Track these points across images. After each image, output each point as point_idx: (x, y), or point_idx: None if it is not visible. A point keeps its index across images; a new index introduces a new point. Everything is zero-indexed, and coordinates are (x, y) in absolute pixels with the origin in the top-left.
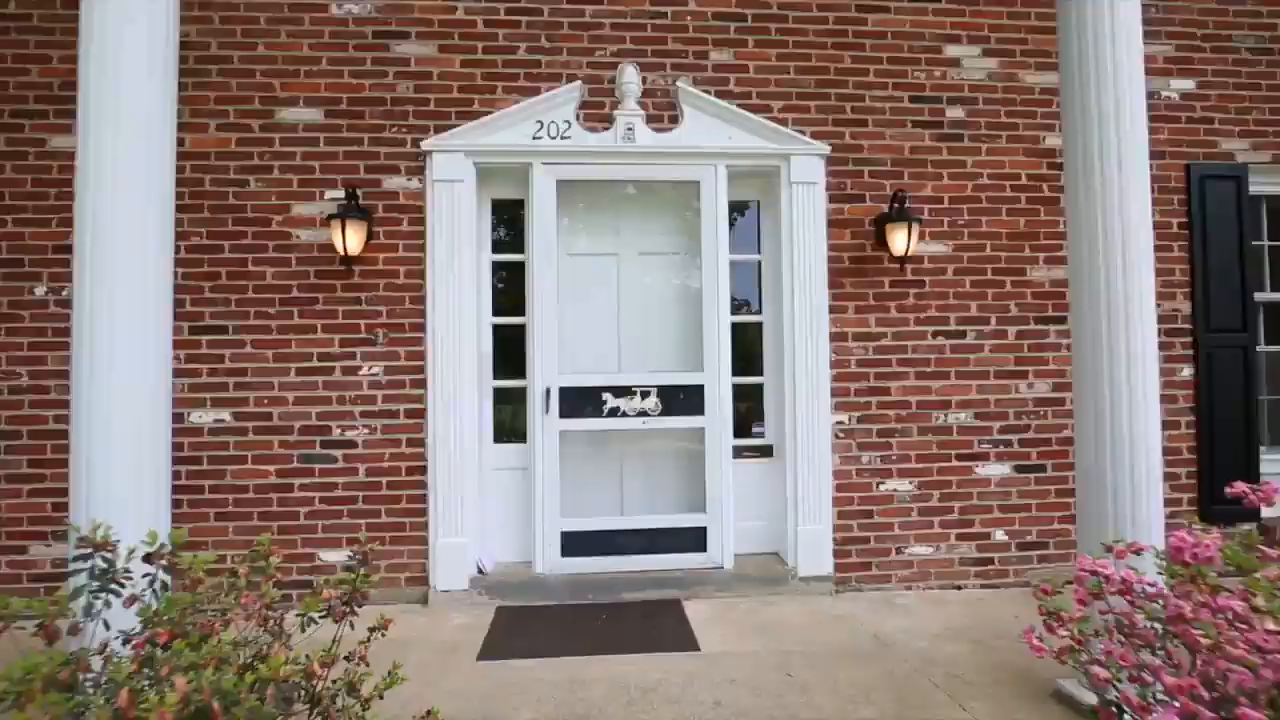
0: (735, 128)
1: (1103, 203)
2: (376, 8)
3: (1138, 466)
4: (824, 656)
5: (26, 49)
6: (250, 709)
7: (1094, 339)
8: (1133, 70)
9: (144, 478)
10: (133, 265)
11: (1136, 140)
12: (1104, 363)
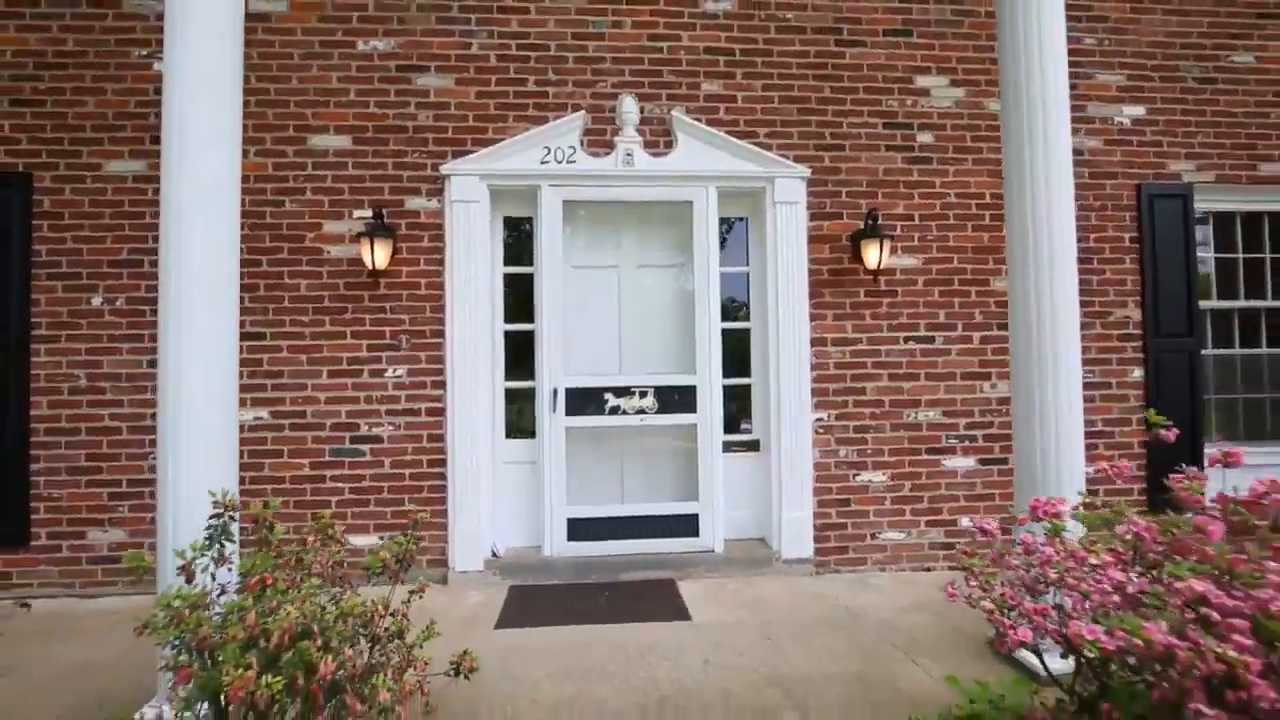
0: (725, 153)
1: (1033, 219)
2: (399, 44)
3: (1061, 443)
4: (801, 626)
5: (84, 83)
6: (338, 632)
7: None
8: (1060, 101)
9: (216, 457)
10: (212, 271)
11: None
12: (1034, 351)
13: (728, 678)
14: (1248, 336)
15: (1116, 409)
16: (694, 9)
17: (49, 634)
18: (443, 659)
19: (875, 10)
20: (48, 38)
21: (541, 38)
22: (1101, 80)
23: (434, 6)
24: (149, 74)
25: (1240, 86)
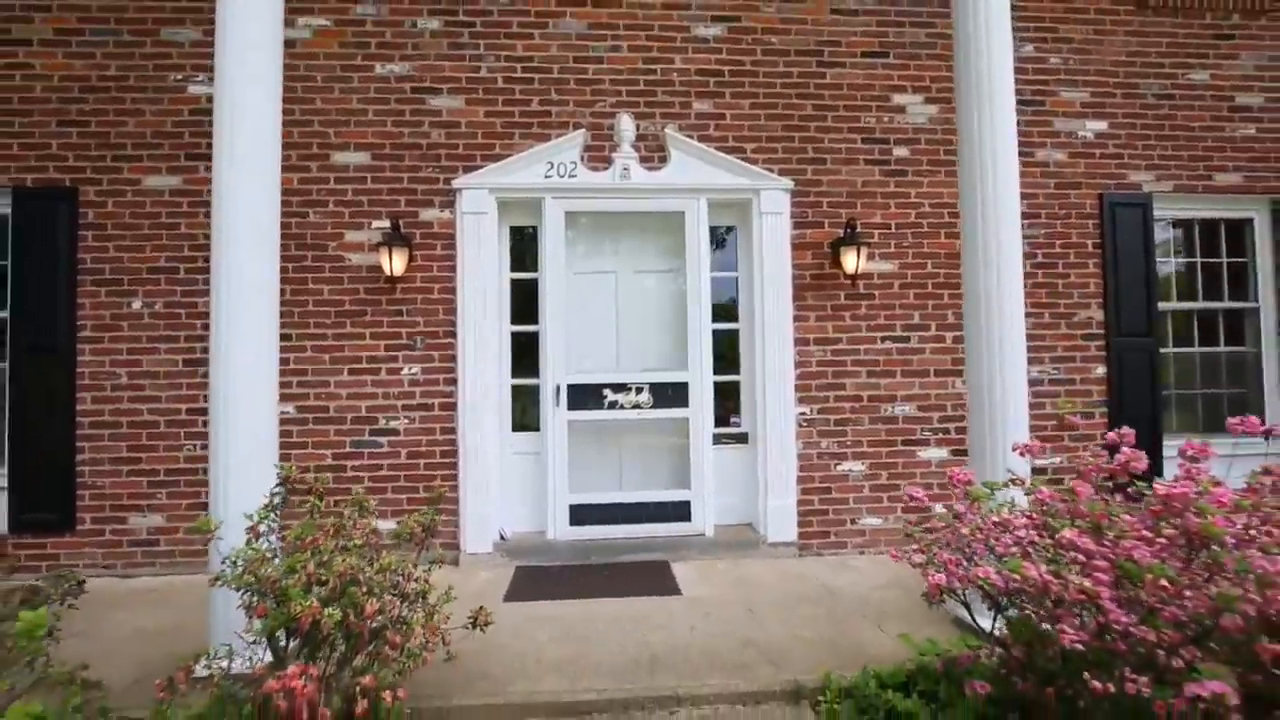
0: (714, 167)
1: (983, 228)
2: (413, 68)
3: (1008, 421)
4: (782, 600)
5: (124, 104)
6: (377, 582)
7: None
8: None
9: (260, 442)
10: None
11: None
12: (983, 351)
13: (712, 641)
14: (1207, 336)
15: (1080, 403)
16: (686, 34)
17: (106, 606)
18: (459, 619)
19: (854, 34)
20: (92, 63)
21: (545, 61)
22: (1066, 97)
23: (445, 33)
24: (184, 96)
25: (1197, 102)
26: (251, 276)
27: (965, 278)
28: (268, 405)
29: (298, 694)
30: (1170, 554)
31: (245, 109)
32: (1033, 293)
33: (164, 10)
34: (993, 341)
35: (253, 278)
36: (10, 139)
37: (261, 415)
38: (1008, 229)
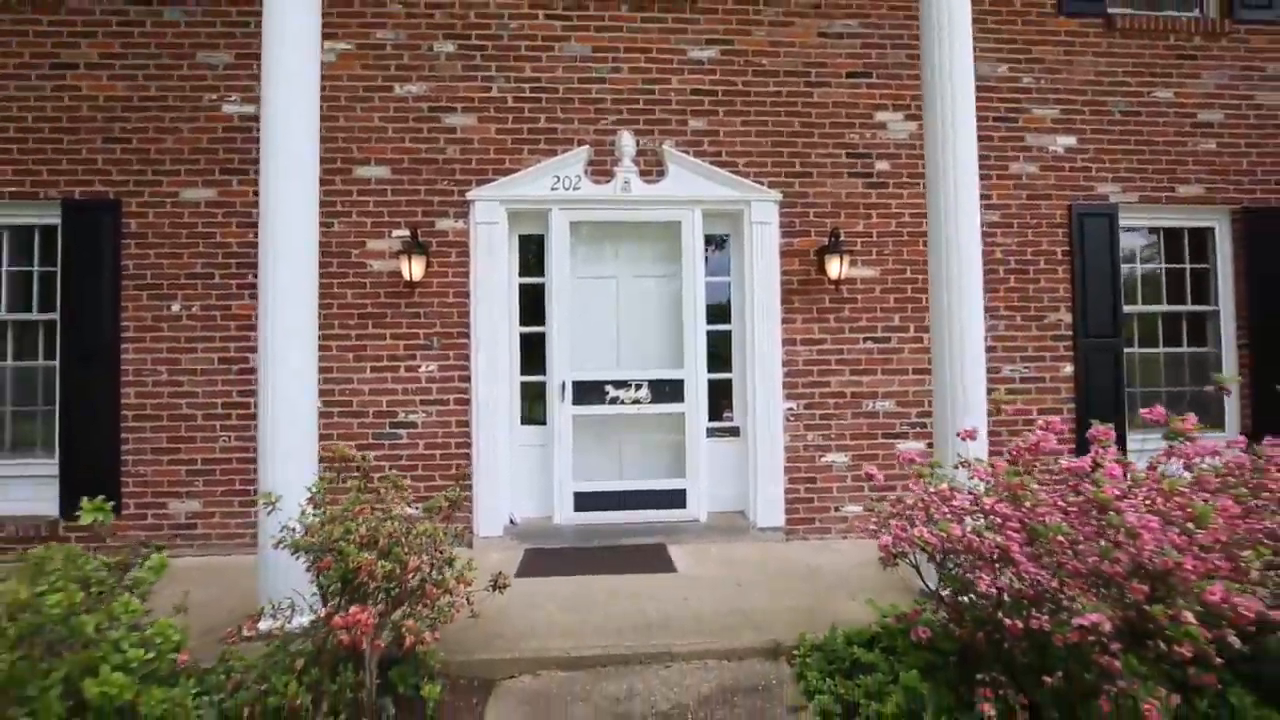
0: (708, 180)
1: (945, 233)
2: (430, 88)
3: (970, 412)
4: (767, 576)
5: (164, 123)
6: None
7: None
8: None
9: (304, 433)
10: (298, 281)
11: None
12: (945, 337)
13: (702, 610)
14: (1172, 337)
15: (1050, 399)
16: (682, 57)
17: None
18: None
19: (839, 55)
20: (134, 85)
21: (551, 82)
22: (1038, 114)
23: (460, 56)
24: (218, 115)
25: (1160, 119)
26: (294, 287)
27: (931, 292)
28: (310, 401)
29: (361, 626)
30: (1080, 519)
31: (288, 137)
32: (1005, 297)
33: (199, 36)
34: (953, 347)
35: (295, 288)
36: (59, 155)
37: (305, 409)
38: (968, 251)
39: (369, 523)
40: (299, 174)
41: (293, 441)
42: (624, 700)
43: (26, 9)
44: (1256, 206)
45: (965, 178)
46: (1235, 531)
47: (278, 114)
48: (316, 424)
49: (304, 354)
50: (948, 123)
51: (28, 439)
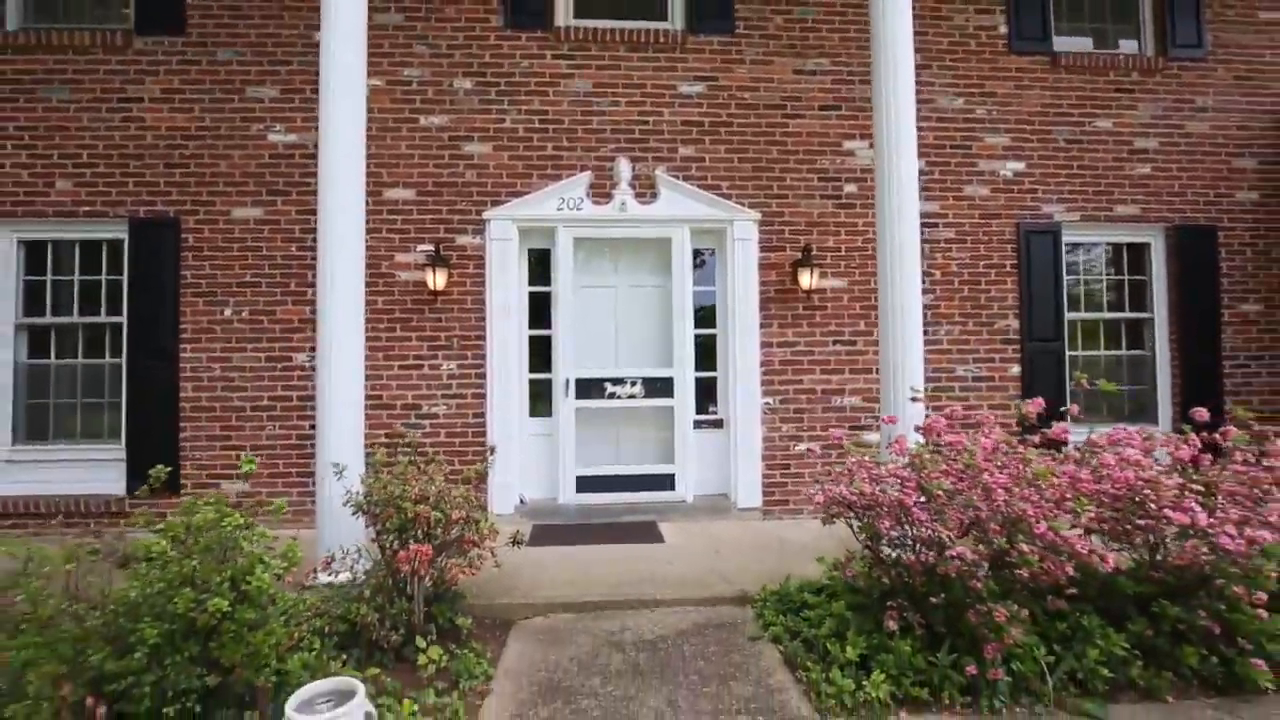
0: (696, 201)
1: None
2: (451, 120)
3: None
4: (742, 547)
5: (217, 150)
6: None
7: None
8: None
9: (351, 419)
10: (349, 289)
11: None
12: (890, 336)
13: (684, 570)
14: (1113, 341)
15: (999, 397)
16: (674, 92)
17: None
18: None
19: (813, 91)
20: (191, 117)
21: (557, 115)
22: (990, 142)
23: (477, 92)
24: (265, 143)
25: (1101, 146)
26: (346, 298)
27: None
28: (358, 391)
29: (421, 556)
30: (959, 480)
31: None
32: (960, 305)
33: (248, 73)
34: (896, 351)
35: (346, 299)
36: (126, 178)
37: (355, 398)
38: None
39: (420, 484)
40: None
41: (346, 424)
42: (617, 634)
43: (98, 50)
44: (1186, 225)
45: (909, 221)
46: (1078, 490)
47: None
48: (364, 410)
49: (354, 352)
50: (891, 181)
51: (96, 428)
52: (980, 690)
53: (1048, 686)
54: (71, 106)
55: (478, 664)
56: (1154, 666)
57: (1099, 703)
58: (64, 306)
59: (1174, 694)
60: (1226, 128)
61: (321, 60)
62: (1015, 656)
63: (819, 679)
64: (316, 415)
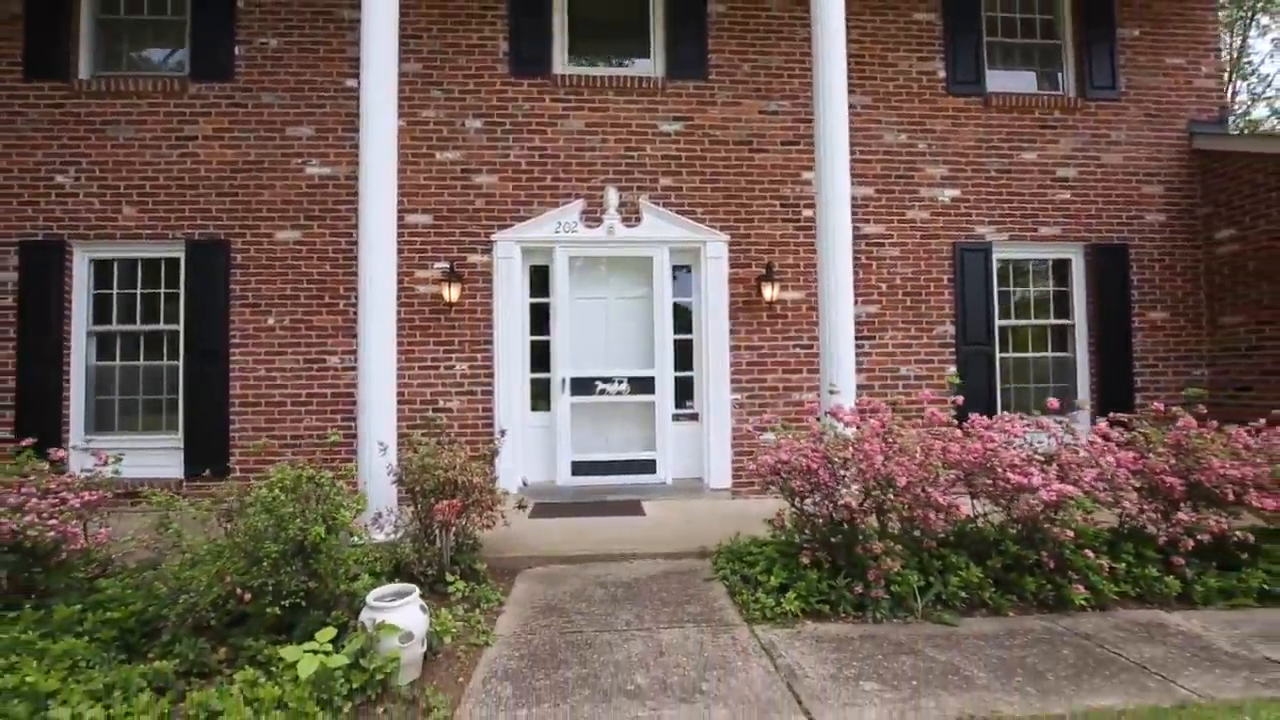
0: (674, 225)
1: (827, 275)
2: (463, 154)
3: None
4: (711, 518)
5: (262, 181)
6: (478, 470)
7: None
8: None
9: (387, 408)
10: (386, 300)
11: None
12: (826, 338)
13: (661, 534)
14: (1040, 344)
15: (936, 392)
16: (655, 130)
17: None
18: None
19: (775, 129)
20: (239, 152)
21: (555, 150)
22: (930, 172)
23: (485, 130)
24: (302, 175)
25: (1027, 175)
26: (381, 309)
27: (820, 307)
28: (391, 385)
29: (452, 507)
30: (852, 451)
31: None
32: (904, 314)
33: (288, 115)
34: (834, 349)
35: (382, 310)
36: (183, 205)
37: (389, 390)
38: (843, 281)
39: (447, 458)
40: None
41: (382, 412)
42: (601, 577)
43: (158, 95)
44: (1102, 243)
45: (843, 242)
46: (945, 459)
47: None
48: (395, 406)
49: (387, 354)
50: (829, 204)
51: (155, 421)
52: (867, 606)
53: (918, 604)
54: (136, 143)
55: (493, 593)
56: (1003, 591)
57: (955, 615)
58: (127, 316)
59: (1014, 611)
60: (1137, 158)
61: (361, 108)
62: (894, 582)
63: (749, 600)
64: (358, 405)
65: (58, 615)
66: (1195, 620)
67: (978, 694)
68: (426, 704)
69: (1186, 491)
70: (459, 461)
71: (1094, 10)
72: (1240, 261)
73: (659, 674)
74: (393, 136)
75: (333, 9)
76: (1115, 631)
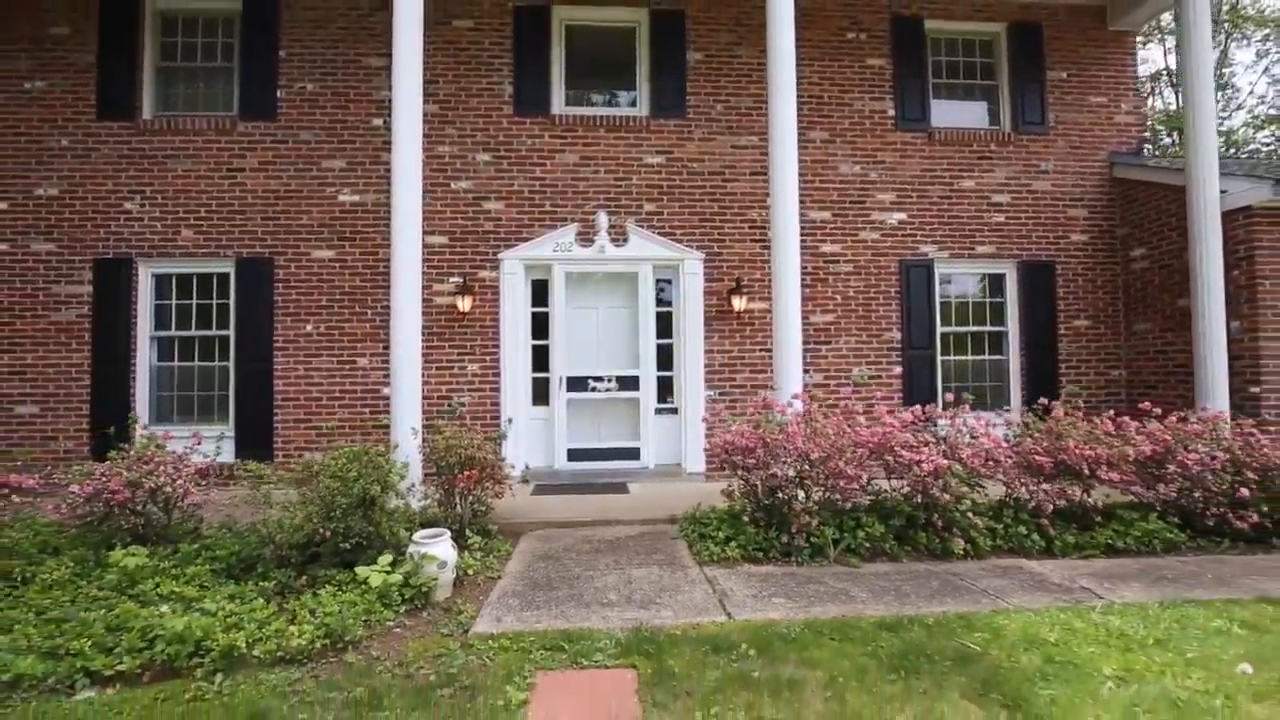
0: (657, 245)
1: (780, 287)
2: (474, 184)
3: (791, 387)
4: (684, 495)
5: (300, 207)
6: (491, 449)
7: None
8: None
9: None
10: (413, 308)
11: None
12: (778, 347)
13: (640, 507)
14: (978, 348)
15: (886, 390)
16: (640, 162)
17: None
18: (516, 478)
19: (745, 161)
20: (281, 182)
21: (553, 179)
22: (880, 198)
23: (493, 163)
24: (336, 202)
25: (966, 200)
26: (409, 319)
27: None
28: (418, 383)
29: (472, 476)
30: (814, 444)
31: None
32: (857, 321)
33: (323, 150)
34: (782, 354)
35: (410, 319)
36: (233, 228)
37: (416, 387)
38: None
39: (467, 438)
40: (413, 255)
41: (410, 403)
42: (589, 536)
43: (211, 132)
44: (1032, 260)
45: (793, 265)
46: (854, 439)
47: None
48: (420, 401)
49: (415, 355)
50: (781, 234)
51: (207, 413)
52: (792, 553)
53: (831, 552)
54: (193, 174)
55: (502, 546)
56: (901, 544)
57: (860, 561)
58: (183, 323)
59: (908, 559)
60: (1064, 185)
61: (393, 142)
62: (814, 535)
63: (701, 549)
64: (391, 397)
65: (183, 551)
66: (1048, 565)
67: (855, 605)
68: (457, 610)
69: (1054, 468)
70: (476, 441)
71: (1026, 55)
72: (1149, 277)
73: (627, 593)
74: (418, 168)
75: (361, 58)
76: (980, 572)
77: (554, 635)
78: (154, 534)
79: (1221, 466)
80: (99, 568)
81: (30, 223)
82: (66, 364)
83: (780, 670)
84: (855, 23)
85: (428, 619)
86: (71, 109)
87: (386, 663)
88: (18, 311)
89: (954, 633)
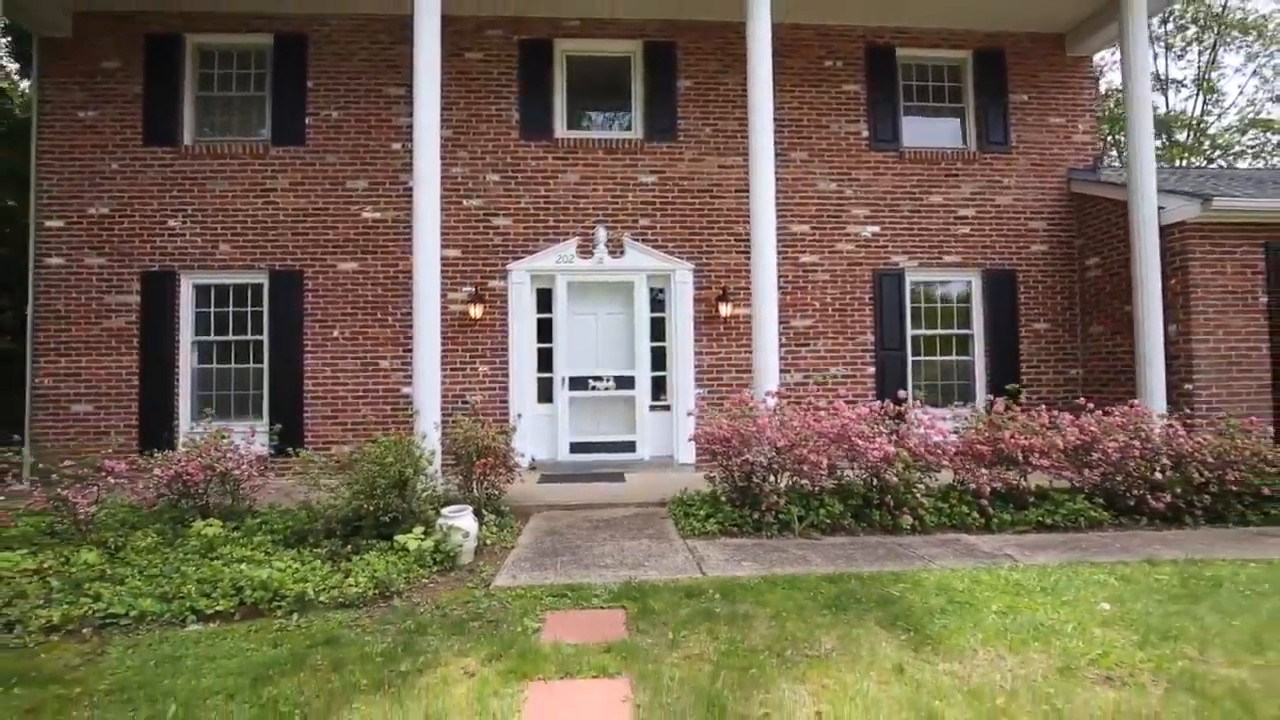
0: (650, 257)
1: (758, 299)
2: (484, 202)
3: (768, 383)
4: (677, 483)
5: (327, 223)
6: (503, 440)
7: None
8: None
9: (435, 397)
10: (433, 316)
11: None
12: (756, 351)
13: (637, 492)
14: (946, 349)
15: (860, 388)
16: (635, 181)
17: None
18: (524, 465)
19: (731, 180)
20: (309, 200)
21: (556, 197)
22: (855, 212)
23: (502, 182)
24: (359, 219)
25: (934, 214)
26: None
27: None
28: (437, 382)
29: (488, 462)
30: (781, 434)
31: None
32: (834, 325)
33: (347, 171)
34: (762, 354)
35: (430, 326)
36: (266, 243)
37: (435, 386)
38: (767, 312)
39: (483, 431)
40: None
41: (430, 401)
42: (590, 516)
43: (246, 156)
44: (995, 269)
45: (768, 278)
46: (816, 429)
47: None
48: (439, 399)
49: (434, 360)
50: (758, 249)
51: (243, 411)
52: (762, 528)
53: (796, 527)
54: (229, 194)
55: (514, 523)
56: (858, 521)
57: (821, 534)
58: (221, 329)
59: (863, 532)
60: (1025, 199)
61: (415, 165)
62: (782, 513)
63: (685, 525)
64: (414, 395)
65: (246, 525)
66: (984, 539)
67: (809, 567)
68: (479, 570)
69: (994, 456)
70: (490, 433)
71: (991, 79)
72: (1101, 284)
73: (620, 559)
74: (436, 188)
75: (381, 88)
76: (923, 543)
77: (559, 587)
78: (220, 512)
79: (1140, 454)
80: (178, 538)
81: (84, 239)
82: (117, 366)
83: (738, 608)
84: (832, 52)
85: (455, 577)
86: (120, 135)
87: (426, 606)
88: (73, 319)
89: (883, 584)
